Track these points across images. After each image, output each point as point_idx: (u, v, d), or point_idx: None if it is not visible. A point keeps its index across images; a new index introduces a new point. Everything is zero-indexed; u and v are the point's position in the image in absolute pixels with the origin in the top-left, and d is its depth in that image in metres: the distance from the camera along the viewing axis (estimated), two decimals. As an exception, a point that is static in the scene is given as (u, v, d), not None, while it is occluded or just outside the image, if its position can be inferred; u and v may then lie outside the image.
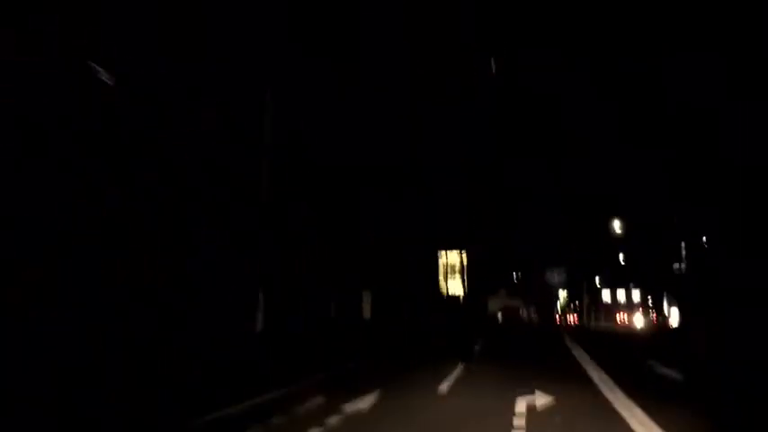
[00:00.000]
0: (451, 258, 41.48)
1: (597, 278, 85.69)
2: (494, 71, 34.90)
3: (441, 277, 38.81)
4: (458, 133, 33.87)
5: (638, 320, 49.77)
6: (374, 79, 21.25)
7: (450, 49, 24.59)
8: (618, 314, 76.85)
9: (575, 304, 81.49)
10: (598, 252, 76.76)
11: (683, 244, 41.93)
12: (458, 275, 42.42)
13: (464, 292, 43.89)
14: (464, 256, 42.81)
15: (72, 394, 9.62)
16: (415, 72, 23.07)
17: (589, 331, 38.76)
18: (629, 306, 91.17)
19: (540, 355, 18.90)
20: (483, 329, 34.82)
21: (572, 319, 73.67)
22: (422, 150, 28.21)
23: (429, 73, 24.51)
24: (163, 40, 13.49)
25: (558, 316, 79.76)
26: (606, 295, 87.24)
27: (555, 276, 75.47)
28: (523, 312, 62.66)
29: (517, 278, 70.11)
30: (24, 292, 10.62)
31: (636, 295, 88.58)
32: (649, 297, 76.07)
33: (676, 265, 42.99)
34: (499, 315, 51.77)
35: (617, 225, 44.24)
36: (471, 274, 42.60)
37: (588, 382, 11.57)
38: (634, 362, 16.47)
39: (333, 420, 7.75)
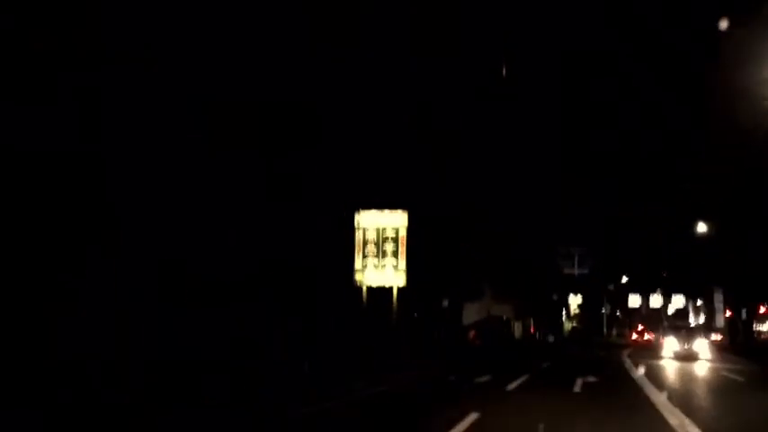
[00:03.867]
0: (377, 223, 24.37)
1: (625, 278, 64.50)
2: (504, 75, 33.90)
3: (358, 259, 23.90)
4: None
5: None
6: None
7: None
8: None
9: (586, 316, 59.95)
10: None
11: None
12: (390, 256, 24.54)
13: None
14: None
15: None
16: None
17: None
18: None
19: None
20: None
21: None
22: None
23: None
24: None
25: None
26: (635, 303, 71.15)
27: (573, 256, 44.28)
28: (516, 327, 41.67)
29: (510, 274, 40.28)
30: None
31: (678, 303, 67.73)
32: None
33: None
34: (471, 334, 32.67)
35: None
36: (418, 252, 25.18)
37: None
38: None
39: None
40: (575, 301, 58.81)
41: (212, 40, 14.81)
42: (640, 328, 56.19)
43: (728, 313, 76.80)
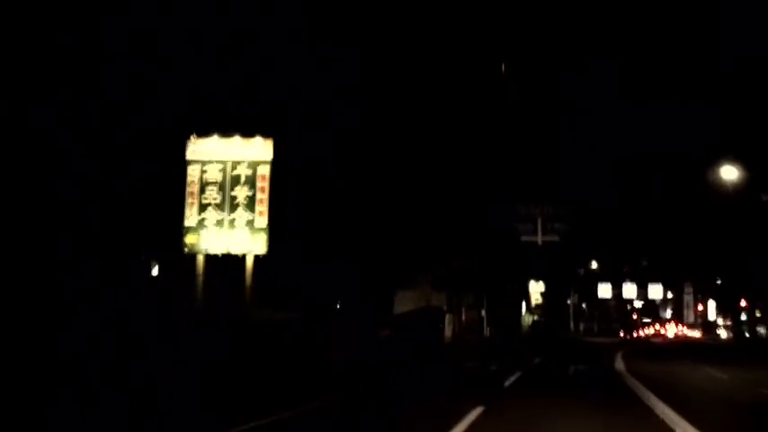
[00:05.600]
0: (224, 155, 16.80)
1: (594, 263, 58.21)
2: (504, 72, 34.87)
3: (190, 211, 16.38)
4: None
5: None
6: None
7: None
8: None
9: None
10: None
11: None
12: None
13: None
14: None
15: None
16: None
17: None
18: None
19: None
20: None
21: None
22: None
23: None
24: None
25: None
26: (605, 293, 62.43)
27: (535, 219, 34.29)
28: (449, 323, 31.08)
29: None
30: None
31: (655, 293, 62.55)
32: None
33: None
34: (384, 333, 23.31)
35: None
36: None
37: None
38: None
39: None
40: (537, 289, 50.65)
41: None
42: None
43: (700, 307, 78.13)
